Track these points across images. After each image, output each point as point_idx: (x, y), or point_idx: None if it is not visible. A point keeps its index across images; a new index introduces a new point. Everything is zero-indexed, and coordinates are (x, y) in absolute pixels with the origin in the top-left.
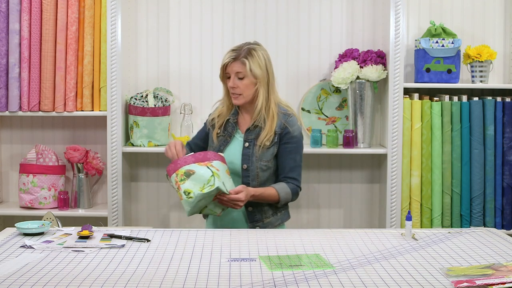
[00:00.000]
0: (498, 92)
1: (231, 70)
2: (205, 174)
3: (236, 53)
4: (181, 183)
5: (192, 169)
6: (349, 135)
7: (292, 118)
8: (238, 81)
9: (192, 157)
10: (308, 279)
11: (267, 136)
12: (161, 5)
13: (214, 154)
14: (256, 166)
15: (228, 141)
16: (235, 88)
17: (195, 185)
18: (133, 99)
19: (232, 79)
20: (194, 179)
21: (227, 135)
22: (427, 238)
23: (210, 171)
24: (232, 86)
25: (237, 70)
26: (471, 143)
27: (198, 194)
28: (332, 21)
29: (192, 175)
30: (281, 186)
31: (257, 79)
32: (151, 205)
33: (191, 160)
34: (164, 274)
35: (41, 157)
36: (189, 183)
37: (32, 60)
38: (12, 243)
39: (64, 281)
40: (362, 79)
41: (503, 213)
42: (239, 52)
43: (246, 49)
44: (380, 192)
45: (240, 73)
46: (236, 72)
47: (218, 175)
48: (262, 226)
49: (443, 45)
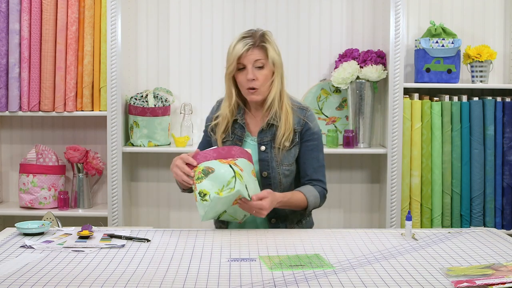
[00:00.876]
0: (498, 92)
1: (248, 59)
2: (226, 174)
3: (252, 39)
4: (197, 182)
5: (212, 166)
6: (349, 135)
7: (310, 113)
8: (257, 71)
9: (213, 151)
10: (308, 279)
11: (285, 135)
12: (161, 5)
13: (240, 150)
14: (277, 172)
15: (240, 145)
16: (255, 81)
17: (213, 186)
18: (133, 99)
19: (250, 69)
20: (213, 179)
21: (235, 139)
22: (427, 238)
23: (232, 170)
24: (252, 78)
25: (256, 58)
26: (471, 143)
27: (214, 197)
28: (332, 21)
29: (211, 174)
30: (307, 189)
31: (275, 67)
32: (151, 205)
33: (212, 155)
34: (164, 274)
35: (41, 157)
36: (206, 182)
37: (32, 60)
38: (12, 243)
39: (64, 281)
40: (362, 79)
41: (503, 213)
42: (254, 37)
43: (261, 33)
44: (380, 192)
45: (259, 61)
46: (255, 60)
47: (241, 176)
48: None
49: (443, 45)
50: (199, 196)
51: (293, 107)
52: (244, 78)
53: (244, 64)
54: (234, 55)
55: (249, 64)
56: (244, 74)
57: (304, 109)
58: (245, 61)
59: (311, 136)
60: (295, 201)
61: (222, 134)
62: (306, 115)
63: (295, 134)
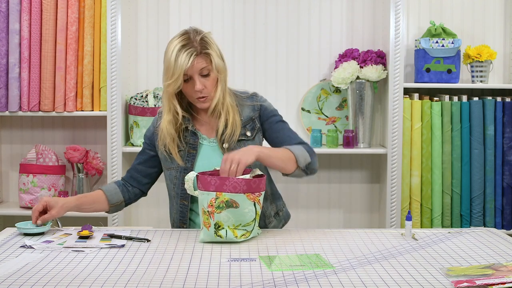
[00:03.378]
0: (498, 92)
1: (193, 70)
2: (248, 216)
3: (193, 48)
4: (217, 212)
5: (238, 201)
6: (349, 135)
7: (260, 97)
8: (203, 79)
9: (245, 183)
10: (308, 279)
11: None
12: (161, 5)
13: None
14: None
15: (194, 153)
16: (204, 90)
17: (229, 219)
18: (133, 99)
19: (197, 80)
20: (233, 214)
21: (189, 147)
22: (427, 238)
23: (255, 212)
24: (200, 89)
25: (201, 67)
26: (471, 143)
27: (229, 237)
28: (332, 21)
29: (234, 209)
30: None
31: (219, 73)
32: (151, 205)
33: (242, 186)
34: (164, 274)
35: (41, 157)
36: (224, 214)
37: (32, 60)
38: (12, 243)
39: (64, 281)
40: (362, 79)
41: (503, 213)
42: (194, 44)
43: (200, 38)
44: (380, 192)
45: (205, 69)
46: (201, 69)
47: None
48: None
49: (443, 45)
50: (214, 228)
51: (240, 99)
52: (191, 89)
53: (190, 75)
54: (179, 69)
55: (195, 74)
56: (190, 85)
57: (253, 95)
58: (191, 72)
59: (270, 113)
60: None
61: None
62: (257, 100)
63: (253, 121)
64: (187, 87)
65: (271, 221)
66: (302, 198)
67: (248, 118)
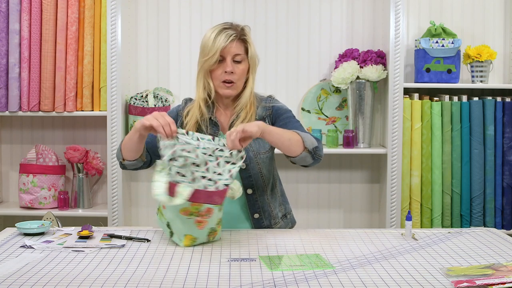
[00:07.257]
0: (498, 92)
1: (228, 52)
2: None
3: (234, 31)
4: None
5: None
6: (349, 135)
7: (274, 98)
8: (234, 65)
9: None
10: (308, 279)
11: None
12: (161, 5)
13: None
14: (256, 162)
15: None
16: (232, 74)
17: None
18: (133, 99)
19: (229, 62)
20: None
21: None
22: (427, 238)
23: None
24: (230, 71)
25: (236, 52)
26: (471, 143)
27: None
28: (332, 21)
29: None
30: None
31: (252, 65)
32: (151, 205)
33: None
34: (164, 274)
35: (41, 157)
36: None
37: (32, 60)
38: (12, 243)
39: (64, 281)
40: (362, 79)
41: (503, 213)
42: (235, 30)
43: (241, 27)
44: (380, 192)
45: (239, 56)
46: (235, 54)
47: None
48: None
49: (443, 45)
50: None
51: (259, 100)
52: (220, 71)
53: (223, 57)
54: (216, 47)
55: (229, 57)
56: (221, 66)
57: (269, 97)
58: (225, 53)
59: (282, 113)
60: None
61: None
62: (271, 101)
63: (264, 120)
64: (218, 68)
65: (277, 221)
66: (302, 198)
67: (261, 117)
